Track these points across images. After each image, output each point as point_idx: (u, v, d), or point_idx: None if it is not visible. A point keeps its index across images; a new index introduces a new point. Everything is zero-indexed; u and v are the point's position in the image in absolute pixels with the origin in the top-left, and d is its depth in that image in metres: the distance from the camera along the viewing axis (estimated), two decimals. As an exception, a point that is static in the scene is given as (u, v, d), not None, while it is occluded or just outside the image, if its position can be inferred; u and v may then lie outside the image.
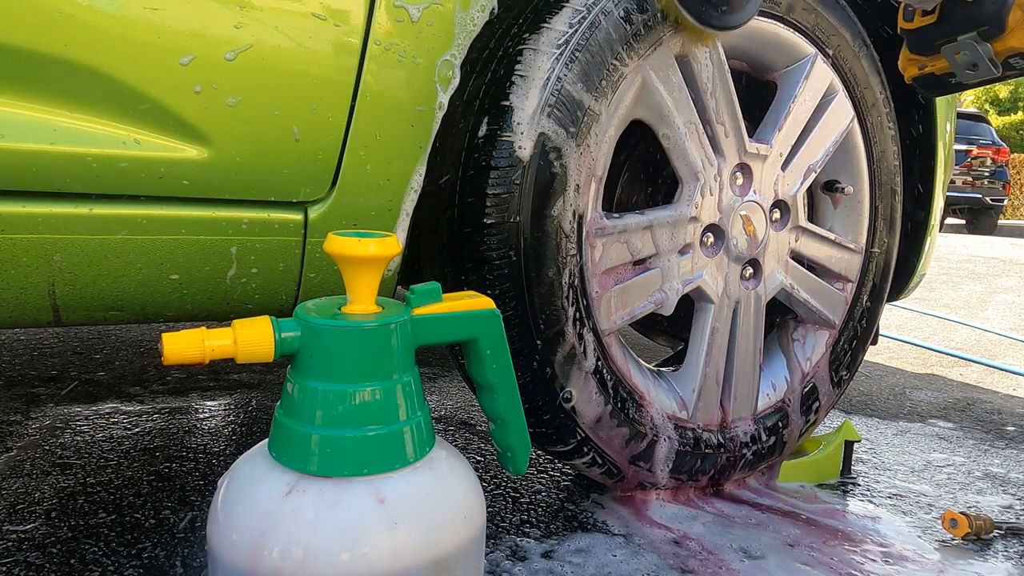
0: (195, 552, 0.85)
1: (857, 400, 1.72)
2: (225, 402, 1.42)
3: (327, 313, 0.56)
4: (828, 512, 1.06)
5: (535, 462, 1.16)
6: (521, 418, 0.67)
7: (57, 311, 0.68)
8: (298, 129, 0.70)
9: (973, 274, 4.63)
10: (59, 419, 1.28)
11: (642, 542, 0.93)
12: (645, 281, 0.96)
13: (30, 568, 0.81)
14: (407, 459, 0.56)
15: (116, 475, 1.06)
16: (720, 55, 0.97)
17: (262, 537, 0.51)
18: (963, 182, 10.06)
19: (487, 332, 0.63)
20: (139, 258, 0.68)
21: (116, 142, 0.64)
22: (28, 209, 0.63)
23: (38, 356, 1.69)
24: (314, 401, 0.55)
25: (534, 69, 0.84)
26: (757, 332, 1.08)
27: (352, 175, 0.74)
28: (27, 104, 0.61)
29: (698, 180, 0.97)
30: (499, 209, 0.83)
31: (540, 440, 0.95)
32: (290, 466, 0.55)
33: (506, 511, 0.99)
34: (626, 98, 0.90)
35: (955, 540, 1.00)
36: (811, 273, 1.14)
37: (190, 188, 0.68)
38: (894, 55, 1.07)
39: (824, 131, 1.11)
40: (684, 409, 1.02)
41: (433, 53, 0.75)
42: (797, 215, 1.09)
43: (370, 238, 0.56)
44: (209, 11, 0.65)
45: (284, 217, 0.73)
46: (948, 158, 1.32)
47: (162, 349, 0.52)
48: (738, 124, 1.00)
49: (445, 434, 1.28)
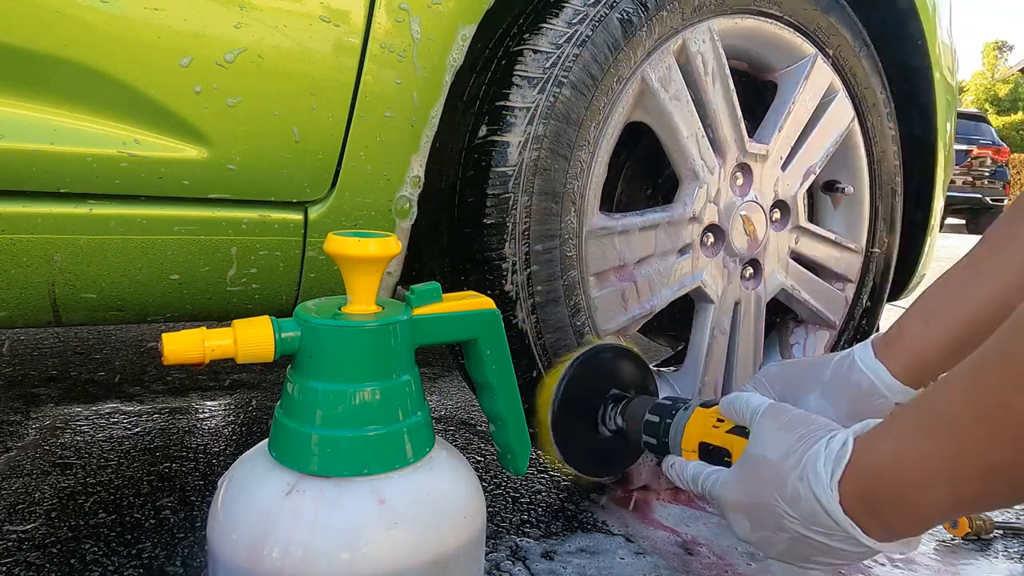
0: (195, 552, 0.85)
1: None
2: (225, 402, 1.42)
3: (327, 313, 0.56)
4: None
5: (535, 462, 1.16)
6: (521, 418, 0.67)
7: (57, 311, 0.68)
8: (298, 129, 0.70)
9: (973, 274, 4.60)
10: (59, 419, 1.28)
11: (644, 543, 0.93)
12: (645, 281, 0.96)
13: (30, 568, 0.81)
14: (407, 459, 0.56)
15: (116, 475, 1.05)
16: (720, 55, 0.97)
17: (262, 537, 0.51)
18: (963, 182, 10.05)
19: (487, 332, 0.63)
20: (139, 258, 0.68)
21: (116, 142, 0.64)
22: (28, 209, 0.63)
23: (38, 356, 1.69)
24: (314, 401, 0.55)
25: (535, 69, 0.84)
26: (757, 332, 1.08)
27: (352, 175, 0.74)
28: (27, 104, 0.61)
29: (698, 180, 0.97)
30: (499, 209, 0.83)
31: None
32: (290, 466, 0.55)
33: (506, 511, 0.99)
34: (625, 98, 0.90)
35: (956, 540, 1.00)
36: (811, 273, 1.14)
37: (190, 188, 0.68)
38: (894, 55, 1.07)
39: (824, 131, 1.11)
40: (684, 409, 1.02)
41: (433, 53, 0.75)
42: (797, 215, 1.09)
43: (370, 238, 0.56)
44: (209, 11, 0.65)
45: (284, 217, 0.73)
46: (948, 158, 1.32)
47: (162, 349, 0.52)
48: (738, 124, 1.00)
49: (445, 434, 1.28)
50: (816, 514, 0.52)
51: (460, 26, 0.77)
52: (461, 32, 0.77)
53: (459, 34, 0.77)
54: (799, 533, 0.54)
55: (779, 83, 1.09)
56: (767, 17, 1.02)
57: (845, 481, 0.51)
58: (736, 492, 0.59)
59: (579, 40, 0.85)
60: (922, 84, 1.22)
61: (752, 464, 0.58)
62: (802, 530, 0.53)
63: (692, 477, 0.64)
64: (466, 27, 0.77)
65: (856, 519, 0.50)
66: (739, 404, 0.63)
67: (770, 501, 0.55)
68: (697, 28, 0.95)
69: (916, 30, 1.17)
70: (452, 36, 0.76)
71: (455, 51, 0.77)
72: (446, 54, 0.76)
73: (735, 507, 0.59)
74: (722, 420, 0.66)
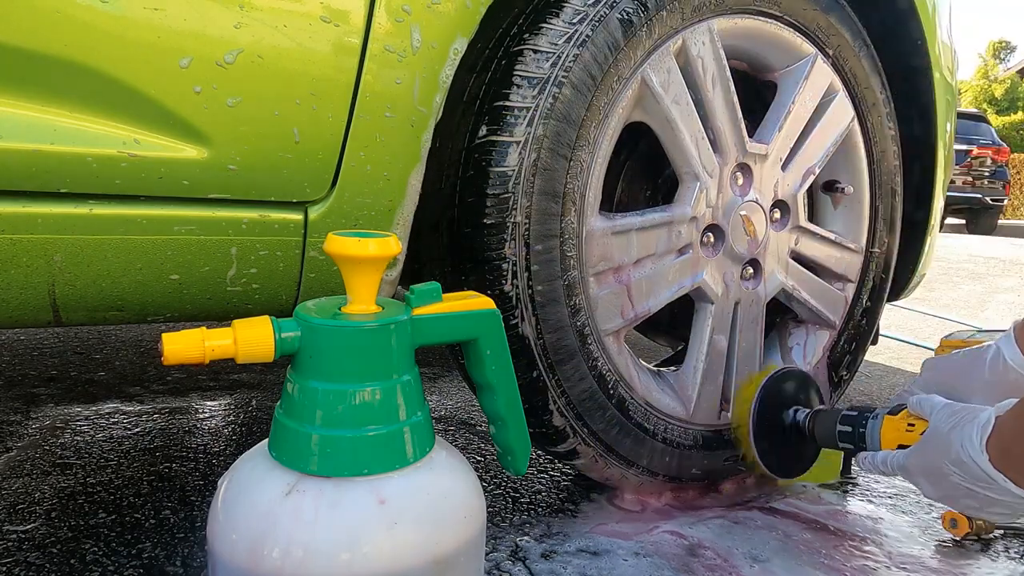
0: (195, 552, 0.85)
1: (857, 400, 1.72)
2: (225, 402, 1.42)
3: (327, 313, 0.56)
4: (829, 512, 1.06)
5: (535, 462, 1.16)
6: (521, 418, 0.67)
7: (57, 311, 0.68)
8: (298, 129, 0.70)
9: (973, 274, 4.63)
10: (59, 419, 1.28)
11: (644, 543, 0.93)
12: (645, 280, 0.96)
13: (30, 568, 0.81)
14: (407, 459, 0.56)
15: (116, 475, 1.06)
16: (720, 55, 0.97)
17: (262, 537, 0.51)
18: (963, 182, 10.05)
19: (487, 332, 0.63)
20: (139, 258, 0.68)
21: (116, 142, 0.64)
22: (28, 209, 0.63)
23: (38, 356, 1.69)
24: (314, 401, 0.55)
25: (535, 69, 0.84)
26: (757, 332, 1.08)
27: (352, 175, 0.74)
28: (27, 104, 0.61)
29: (698, 180, 0.97)
30: (499, 209, 0.83)
31: (540, 440, 0.95)
32: (290, 466, 0.55)
33: (506, 511, 0.99)
34: (625, 98, 0.90)
35: (955, 540, 1.00)
36: (811, 273, 1.14)
37: (190, 188, 0.68)
38: (894, 55, 1.07)
39: (824, 131, 1.11)
40: (685, 409, 1.02)
41: (434, 52, 0.75)
42: (797, 215, 1.09)
43: (370, 238, 0.56)
44: (209, 11, 0.65)
45: (284, 217, 0.73)
46: (948, 158, 1.32)
47: (162, 349, 0.52)
48: (738, 124, 1.00)
49: (445, 434, 1.28)
50: (974, 472, 0.70)
51: (458, 36, 0.77)
52: (455, 45, 0.77)
53: (453, 47, 0.77)
54: (967, 488, 0.71)
55: (779, 83, 1.09)
56: (767, 17, 1.02)
57: (991, 445, 0.69)
58: (917, 461, 0.77)
59: (579, 40, 0.85)
60: (922, 84, 1.22)
61: (930, 438, 0.76)
62: (969, 485, 0.71)
63: (882, 460, 0.83)
64: (466, 27, 0.77)
65: (1006, 473, 0.68)
66: (926, 404, 0.81)
67: (940, 465, 0.73)
68: (697, 28, 0.95)
69: (916, 30, 1.17)
70: (453, 36, 0.76)
71: (456, 50, 0.77)
72: (444, 56, 0.76)
73: (917, 471, 0.77)
74: (913, 424, 0.83)
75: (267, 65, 0.67)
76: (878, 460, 0.84)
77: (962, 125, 10.12)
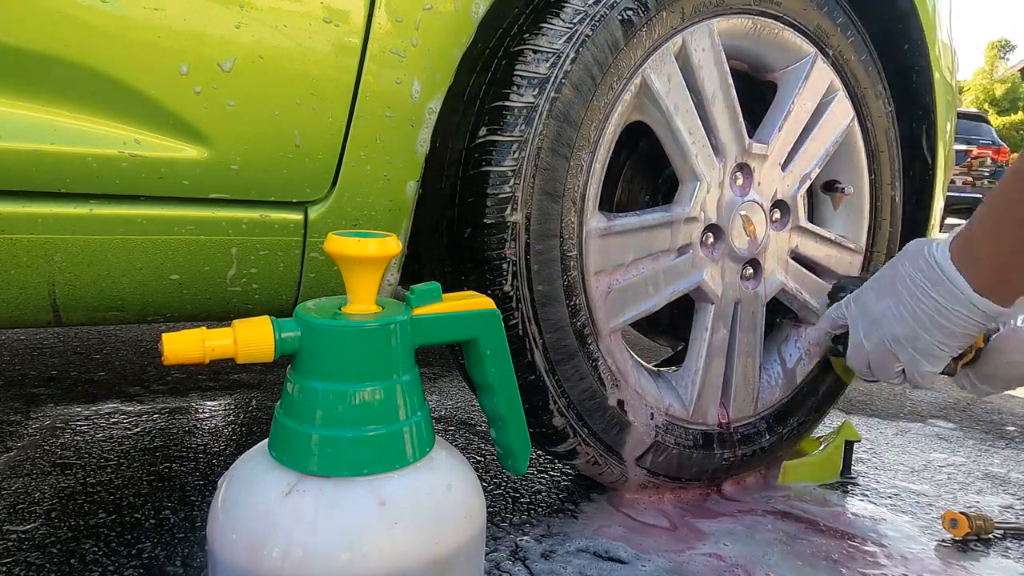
0: (195, 552, 0.85)
1: (857, 400, 1.72)
2: (225, 402, 1.42)
3: (327, 313, 0.56)
4: (829, 512, 1.06)
5: (535, 462, 1.16)
6: (521, 418, 0.67)
7: (57, 311, 0.68)
8: (298, 130, 0.70)
9: (973, 274, 4.61)
10: (59, 419, 1.28)
11: (645, 543, 0.93)
12: (645, 280, 0.96)
13: (30, 568, 0.81)
14: (407, 459, 0.56)
15: (116, 475, 1.06)
16: (720, 55, 0.97)
17: (262, 537, 0.51)
18: (963, 182, 10.04)
19: (487, 332, 0.63)
20: (139, 258, 0.68)
21: (116, 142, 0.64)
22: (28, 209, 0.63)
23: (38, 356, 1.69)
24: (314, 401, 0.55)
25: (535, 69, 0.84)
26: (757, 332, 1.08)
27: (352, 175, 0.74)
28: (27, 104, 0.61)
29: (698, 180, 0.97)
30: (499, 209, 0.83)
31: (540, 440, 0.95)
32: (290, 466, 0.55)
33: (506, 511, 0.99)
34: (625, 98, 0.90)
35: (955, 540, 1.00)
36: (811, 273, 1.14)
37: (190, 188, 0.68)
38: (894, 55, 1.07)
39: (824, 131, 1.11)
40: (685, 409, 1.02)
41: (434, 53, 0.75)
42: (797, 215, 1.09)
43: (370, 238, 0.56)
44: (209, 11, 0.65)
45: (284, 217, 0.73)
46: (948, 158, 1.32)
47: (162, 349, 0.52)
48: (738, 124, 1.00)
49: (445, 434, 1.28)
50: (932, 275, 0.78)
51: (460, 25, 0.77)
52: (455, 45, 0.77)
53: (453, 47, 0.77)
54: (916, 296, 0.79)
55: (779, 83, 1.09)
56: (767, 17, 1.02)
57: (953, 251, 0.78)
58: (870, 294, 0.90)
59: (579, 40, 0.85)
60: (922, 84, 1.22)
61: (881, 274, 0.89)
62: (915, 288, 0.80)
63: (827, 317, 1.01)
64: (466, 27, 0.77)
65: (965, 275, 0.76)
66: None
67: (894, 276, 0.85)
68: (697, 28, 0.95)
69: (916, 30, 1.17)
70: (453, 35, 0.76)
71: (455, 50, 0.77)
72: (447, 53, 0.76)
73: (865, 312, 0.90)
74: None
75: (267, 65, 0.67)
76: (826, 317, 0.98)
77: (962, 125, 10.11)
